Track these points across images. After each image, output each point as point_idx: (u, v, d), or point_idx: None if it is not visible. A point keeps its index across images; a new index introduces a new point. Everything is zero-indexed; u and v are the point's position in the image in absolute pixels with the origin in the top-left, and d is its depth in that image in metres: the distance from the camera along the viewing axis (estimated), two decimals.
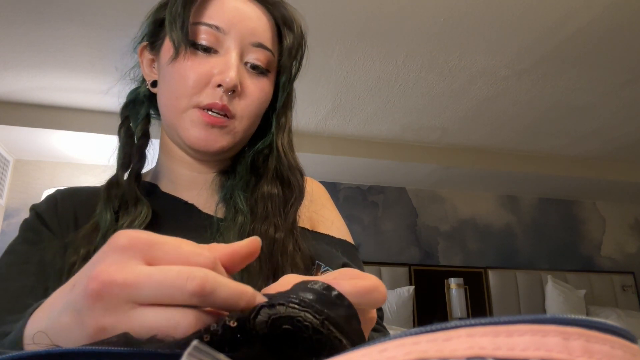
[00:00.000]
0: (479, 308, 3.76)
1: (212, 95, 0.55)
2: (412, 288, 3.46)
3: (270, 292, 0.29)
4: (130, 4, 2.00)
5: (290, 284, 0.29)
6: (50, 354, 0.23)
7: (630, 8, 2.08)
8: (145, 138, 0.62)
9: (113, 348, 0.23)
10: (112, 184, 0.58)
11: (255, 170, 0.62)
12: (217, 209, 0.59)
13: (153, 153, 0.63)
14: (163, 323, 0.24)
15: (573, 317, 0.16)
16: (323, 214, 0.66)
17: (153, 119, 0.65)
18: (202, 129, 0.56)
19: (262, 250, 0.52)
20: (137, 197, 0.57)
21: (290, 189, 0.60)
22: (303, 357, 0.24)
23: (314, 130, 3.36)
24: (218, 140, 0.56)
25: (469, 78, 2.68)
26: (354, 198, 3.97)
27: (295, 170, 0.62)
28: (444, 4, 2.06)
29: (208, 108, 0.55)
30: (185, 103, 0.56)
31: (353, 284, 0.27)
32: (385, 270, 3.67)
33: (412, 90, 2.82)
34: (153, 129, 0.64)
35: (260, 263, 0.52)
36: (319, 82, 2.71)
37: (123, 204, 0.56)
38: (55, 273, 0.52)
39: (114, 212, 0.56)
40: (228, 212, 0.57)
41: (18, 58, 2.40)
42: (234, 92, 0.56)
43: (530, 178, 3.89)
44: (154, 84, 0.62)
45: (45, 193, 2.94)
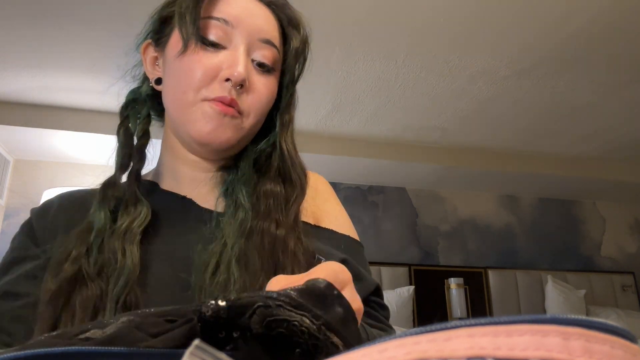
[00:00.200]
0: (479, 308, 3.76)
1: (220, 89, 0.55)
2: (412, 288, 3.46)
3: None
4: (131, 4, 2.00)
5: (279, 285, 0.29)
6: (50, 354, 0.23)
7: (630, 8, 2.08)
8: (146, 138, 0.62)
9: (113, 348, 0.23)
10: (108, 184, 0.58)
11: (258, 168, 0.62)
12: (217, 204, 0.59)
13: (153, 153, 0.63)
14: None
15: (573, 317, 0.16)
16: (326, 209, 0.66)
17: (152, 119, 0.65)
18: (213, 120, 0.55)
19: (263, 247, 0.53)
20: (137, 197, 0.57)
21: (292, 187, 0.60)
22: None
23: (314, 130, 3.36)
24: (226, 131, 0.56)
25: (469, 78, 2.67)
26: (354, 198, 3.96)
27: (298, 168, 0.62)
28: (444, 4, 2.06)
29: (216, 102, 0.55)
30: (193, 97, 0.55)
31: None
32: (385, 270, 3.67)
33: (412, 90, 2.82)
34: (152, 129, 0.64)
35: (262, 260, 0.52)
36: (319, 82, 2.71)
37: (122, 204, 0.56)
38: (35, 284, 0.53)
39: (111, 211, 0.55)
40: (228, 206, 0.57)
41: (18, 58, 2.40)
42: (242, 86, 0.56)
43: (530, 178, 3.89)
44: (158, 82, 0.62)
45: (45, 193, 2.94)
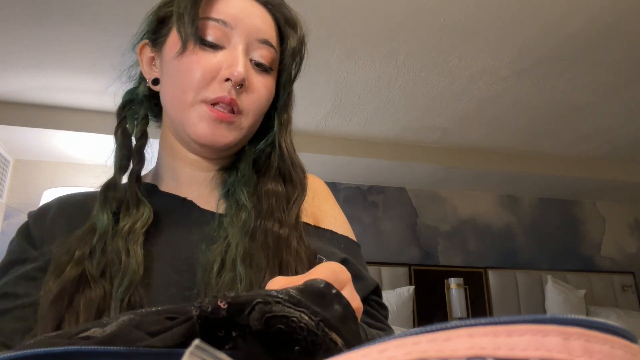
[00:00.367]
0: (479, 308, 3.76)
1: (219, 90, 0.55)
2: (412, 288, 3.46)
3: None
4: (131, 4, 2.00)
5: (278, 286, 0.29)
6: (50, 354, 0.23)
7: (630, 8, 2.08)
8: (144, 138, 0.62)
9: (113, 348, 0.23)
10: (109, 186, 0.57)
11: (258, 168, 0.62)
12: (218, 205, 0.59)
13: (152, 153, 0.63)
14: None
15: (573, 317, 0.16)
16: (325, 210, 0.66)
17: (150, 120, 0.64)
18: (210, 124, 0.55)
19: (268, 246, 0.53)
20: (138, 198, 0.57)
21: (293, 186, 0.60)
22: (298, 358, 0.24)
23: (314, 130, 3.36)
24: (225, 136, 0.56)
25: (469, 78, 2.67)
26: (354, 198, 3.96)
27: (298, 168, 0.62)
28: (444, 5, 2.06)
29: (215, 102, 0.55)
30: (192, 97, 0.55)
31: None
32: (385, 270, 3.67)
33: (412, 90, 2.82)
34: (150, 130, 0.64)
35: (267, 258, 0.52)
36: (319, 82, 2.71)
37: (124, 206, 0.56)
38: (34, 285, 0.53)
39: (113, 213, 0.55)
40: (230, 208, 0.57)
41: (18, 58, 2.40)
42: (242, 86, 0.56)
43: (530, 178, 3.89)
44: (155, 82, 0.62)
45: (45, 193, 2.94)
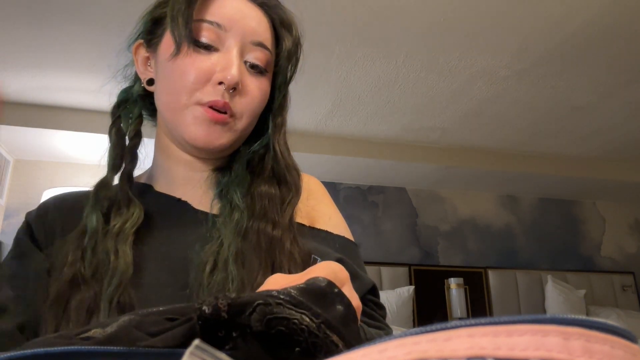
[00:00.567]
0: (479, 308, 3.75)
1: (213, 93, 0.55)
2: (412, 288, 3.46)
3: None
4: (131, 4, 2.00)
5: (278, 285, 0.29)
6: (50, 354, 0.23)
7: (630, 8, 2.08)
8: (138, 138, 0.62)
9: (113, 347, 0.23)
10: (101, 185, 0.58)
11: (251, 169, 0.62)
12: (212, 206, 0.59)
13: (145, 153, 0.63)
14: None
15: (573, 317, 0.16)
16: (320, 209, 0.66)
17: (144, 119, 0.64)
18: (204, 126, 0.55)
19: (260, 247, 0.53)
20: (129, 198, 0.57)
21: (288, 188, 0.60)
22: (299, 359, 0.23)
23: (314, 130, 3.36)
24: (219, 137, 0.57)
25: (469, 78, 2.67)
26: (354, 198, 3.96)
27: (292, 170, 0.62)
28: (444, 4, 2.06)
29: (209, 106, 0.55)
30: (186, 100, 0.55)
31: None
32: (385, 270, 3.67)
33: (412, 91, 2.82)
34: (144, 130, 0.63)
35: (259, 259, 0.52)
36: (319, 82, 2.71)
37: (115, 205, 0.56)
38: (38, 285, 0.53)
39: (104, 213, 0.55)
40: (223, 208, 0.57)
41: (18, 58, 2.40)
42: (235, 89, 0.56)
43: (530, 178, 3.88)
44: (150, 83, 0.62)
45: (45, 193, 2.94)
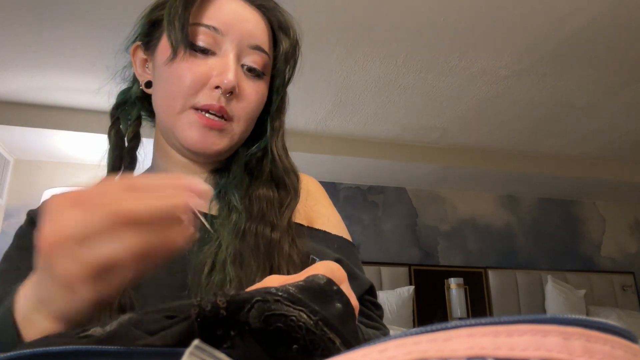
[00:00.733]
0: (479, 308, 3.76)
1: (209, 97, 0.55)
2: (412, 288, 3.46)
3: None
4: (131, 4, 2.00)
5: (275, 283, 0.29)
6: (49, 353, 0.23)
7: (631, 8, 2.08)
8: (137, 140, 0.62)
9: (113, 347, 0.23)
10: None
11: (249, 171, 0.62)
12: (210, 207, 0.59)
13: (144, 155, 0.63)
14: (114, 250, 0.29)
15: (573, 317, 0.16)
16: (319, 210, 0.66)
17: (144, 120, 0.65)
18: (199, 131, 0.55)
19: (259, 249, 0.53)
20: None
21: (286, 191, 0.60)
22: (297, 357, 0.23)
23: (314, 130, 3.36)
24: (215, 143, 0.57)
25: (469, 78, 2.67)
26: (354, 198, 3.96)
27: (290, 173, 0.62)
28: (444, 4, 2.06)
29: (205, 109, 0.55)
30: (182, 104, 0.55)
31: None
32: (385, 270, 3.67)
33: (412, 91, 2.82)
34: (144, 130, 0.64)
35: (257, 262, 0.52)
36: (319, 82, 2.71)
37: None
38: None
39: None
40: (222, 209, 0.57)
41: (18, 58, 2.40)
42: (232, 94, 0.56)
43: (530, 178, 3.89)
44: (148, 85, 0.62)
45: (45, 193, 2.94)
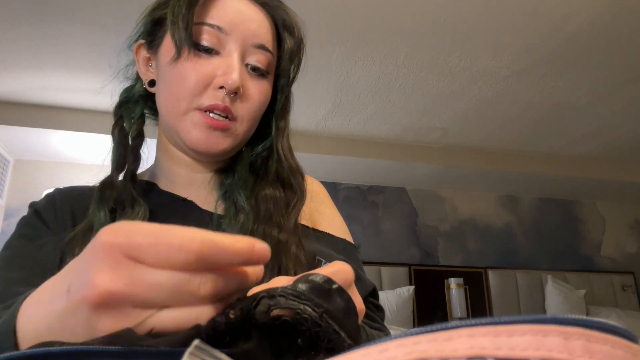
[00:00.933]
0: (479, 308, 3.76)
1: (213, 97, 0.55)
2: (412, 288, 3.46)
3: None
4: (131, 4, 2.00)
5: (280, 283, 0.30)
6: (49, 354, 0.23)
7: (630, 8, 2.08)
8: (140, 138, 0.62)
9: (113, 347, 0.23)
10: (105, 185, 0.57)
11: (254, 171, 0.62)
12: (216, 206, 0.59)
13: (148, 152, 0.63)
14: (184, 321, 0.25)
15: (573, 317, 0.16)
16: (323, 212, 0.66)
17: (147, 119, 0.64)
18: (203, 131, 0.55)
19: None
20: (133, 197, 0.57)
21: (293, 191, 0.60)
22: (301, 351, 0.24)
23: (314, 130, 3.36)
24: (220, 143, 0.56)
25: (469, 78, 2.67)
26: (354, 198, 3.96)
27: (296, 173, 0.62)
28: (444, 4, 2.06)
29: (209, 110, 0.55)
30: (186, 105, 0.55)
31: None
32: (385, 270, 3.67)
33: (412, 91, 2.82)
34: (147, 128, 0.63)
35: (266, 263, 0.52)
36: (319, 82, 2.71)
37: (119, 205, 0.56)
38: (51, 268, 0.51)
39: (110, 211, 0.55)
40: (228, 209, 0.57)
41: (18, 58, 2.40)
42: (236, 94, 0.56)
43: (530, 178, 3.89)
44: (151, 83, 0.61)
45: (45, 193, 2.94)
